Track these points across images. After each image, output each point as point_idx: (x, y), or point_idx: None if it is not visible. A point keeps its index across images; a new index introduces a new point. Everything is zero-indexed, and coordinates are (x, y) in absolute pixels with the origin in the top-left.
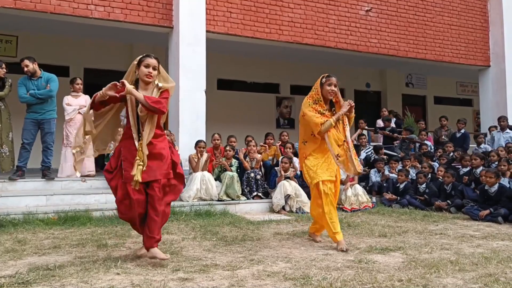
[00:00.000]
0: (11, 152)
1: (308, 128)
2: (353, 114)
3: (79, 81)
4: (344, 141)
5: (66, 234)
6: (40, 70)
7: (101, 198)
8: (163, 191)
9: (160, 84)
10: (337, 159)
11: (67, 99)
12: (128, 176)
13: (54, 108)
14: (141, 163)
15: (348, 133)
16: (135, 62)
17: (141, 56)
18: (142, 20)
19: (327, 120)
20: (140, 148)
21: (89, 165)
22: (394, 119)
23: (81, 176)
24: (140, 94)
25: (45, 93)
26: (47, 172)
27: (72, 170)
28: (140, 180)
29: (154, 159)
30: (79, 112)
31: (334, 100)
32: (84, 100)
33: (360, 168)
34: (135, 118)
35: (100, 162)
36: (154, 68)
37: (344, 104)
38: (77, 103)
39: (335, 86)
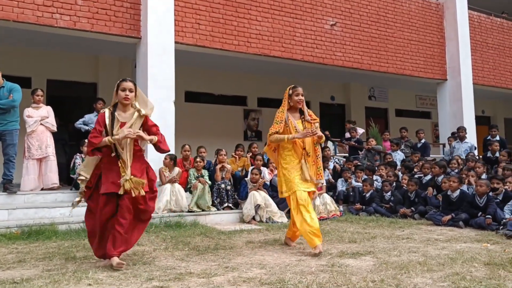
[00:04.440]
0: None
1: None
2: (322, 139)
3: (39, 92)
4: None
5: (31, 248)
6: (3, 79)
7: (66, 212)
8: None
9: (142, 112)
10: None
11: (28, 111)
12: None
13: (17, 119)
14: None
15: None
16: (115, 88)
17: (118, 81)
18: (109, 30)
19: (277, 132)
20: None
21: (53, 177)
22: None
23: (45, 189)
24: (152, 137)
25: (7, 103)
26: (8, 185)
27: (35, 183)
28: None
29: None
30: (41, 124)
31: (302, 108)
32: (46, 111)
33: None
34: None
35: (64, 175)
36: (130, 91)
37: (303, 131)
38: (38, 115)
39: (302, 95)
